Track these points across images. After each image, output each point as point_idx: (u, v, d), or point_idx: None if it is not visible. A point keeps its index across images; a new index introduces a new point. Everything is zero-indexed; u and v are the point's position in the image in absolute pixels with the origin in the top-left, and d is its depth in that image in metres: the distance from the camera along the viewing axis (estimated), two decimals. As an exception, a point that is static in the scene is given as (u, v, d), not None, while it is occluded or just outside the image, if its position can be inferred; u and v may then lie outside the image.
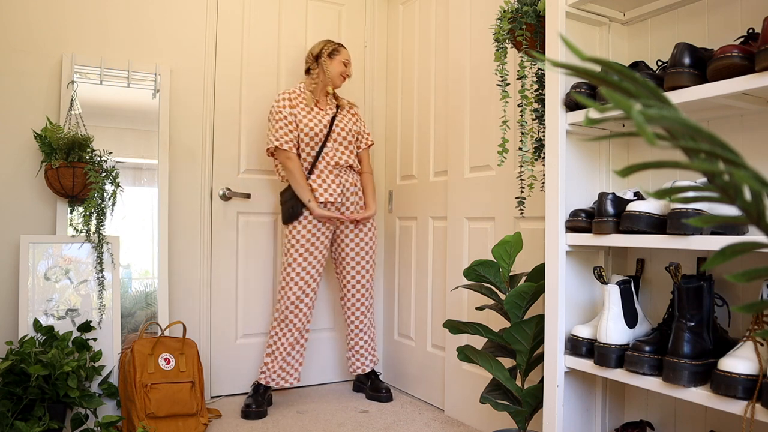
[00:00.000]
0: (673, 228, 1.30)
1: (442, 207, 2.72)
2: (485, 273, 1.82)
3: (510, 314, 1.75)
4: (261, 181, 2.94)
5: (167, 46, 2.74)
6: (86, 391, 2.12)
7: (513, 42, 1.78)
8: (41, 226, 2.44)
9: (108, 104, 2.64)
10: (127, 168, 2.60)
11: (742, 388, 1.18)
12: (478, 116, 2.47)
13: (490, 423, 2.31)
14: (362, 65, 3.24)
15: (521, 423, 1.78)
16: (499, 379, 1.75)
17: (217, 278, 2.84)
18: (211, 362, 2.79)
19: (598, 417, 1.70)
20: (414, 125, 2.98)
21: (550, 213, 1.60)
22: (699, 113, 1.50)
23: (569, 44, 0.31)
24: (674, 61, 1.33)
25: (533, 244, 2.10)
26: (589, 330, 1.54)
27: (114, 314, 2.39)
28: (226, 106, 2.87)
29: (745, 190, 0.31)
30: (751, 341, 1.24)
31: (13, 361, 1.98)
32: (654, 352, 1.36)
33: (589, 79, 0.31)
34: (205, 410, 2.42)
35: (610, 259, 1.73)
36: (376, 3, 3.28)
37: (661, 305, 1.65)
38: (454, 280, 2.53)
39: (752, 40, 1.33)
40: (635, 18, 1.73)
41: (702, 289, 1.33)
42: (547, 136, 1.63)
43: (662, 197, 0.32)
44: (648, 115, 0.29)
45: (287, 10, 3.04)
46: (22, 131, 2.42)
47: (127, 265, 2.62)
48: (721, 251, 0.32)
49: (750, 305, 0.34)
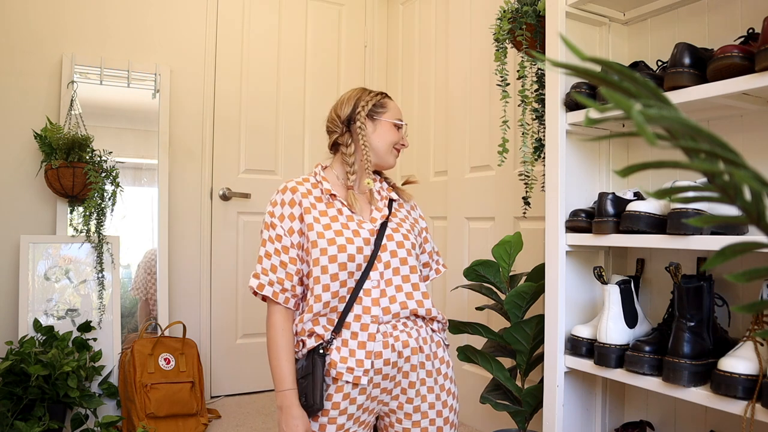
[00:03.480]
0: (673, 228, 1.30)
1: (442, 207, 2.72)
2: (485, 273, 1.82)
3: (510, 314, 1.75)
4: (261, 181, 2.94)
5: (167, 47, 2.74)
6: (86, 391, 2.12)
7: (513, 42, 1.78)
8: (41, 226, 2.44)
9: (108, 104, 2.64)
10: (127, 168, 2.60)
11: (742, 388, 1.18)
12: (478, 116, 2.47)
13: (490, 423, 2.31)
14: (362, 65, 3.24)
15: (521, 423, 1.78)
16: (499, 379, 1.75)
17: (217, 278, 2.84)
18: (211, 362, 2.79)
19: (598, 417, 1.70)
20: (414, 125, 2.98)
21: (550, 213, 1.60)
22: (699, 113, 1.50)
23: (569, 44, 0.31)
24: (674, 61, 1.33)
25: (533, 244, 2.10)
26: (589, 330, 1.53)
27: (114, 314, 2.39)
28: (226, 106, 2.87)
29: (745, 190, 0.31)
30: (751, 341, 1.24)
31: (13, 361, 1.98)
32: (654, 352, 1.36)
33: (589, 79, 0.31)
34: (205, 410, 2.42)
35: (610, 259, 1.72)
36: (376, 3, 3.28)
37: (661, 305, 1.65)
38: (454, 280, 2.53)
39: (752, 40, 1.33)
40: (635, 18, 1.73)
41: (702, 289, 1.32)
42: (547, 136, 1.62)
43: (662, 197, 0.32)
44: (648, 115, 0.29)
45: (287, 10, 3.04)
46: (22, 131, 2.42)
47: (127, 265, 2.62)
48: (721, 251, 0.32)
49: (750, 305, 0.34)
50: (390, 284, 1.31)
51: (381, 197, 1.41)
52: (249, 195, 2.88)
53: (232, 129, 2.89)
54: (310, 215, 1.31)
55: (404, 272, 1.33)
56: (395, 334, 1.28)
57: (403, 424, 1.31)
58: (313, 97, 3.09)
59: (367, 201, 1.40)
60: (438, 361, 1.35)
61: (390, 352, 1.26)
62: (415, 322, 1.33)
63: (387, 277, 1.31)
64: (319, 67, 3.12)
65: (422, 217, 1.52)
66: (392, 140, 1.40)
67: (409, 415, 1.31)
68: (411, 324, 1.32)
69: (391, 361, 1.26)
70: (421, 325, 1.34)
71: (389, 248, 1.32)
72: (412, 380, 1.30)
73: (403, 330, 1.29)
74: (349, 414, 1.26)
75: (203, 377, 2.48)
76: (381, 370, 1.26)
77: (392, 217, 1.39)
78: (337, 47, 3.19)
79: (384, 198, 1.41)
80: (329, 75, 3.15)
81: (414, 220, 1.46)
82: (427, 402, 1.31)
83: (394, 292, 1.31)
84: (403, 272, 1.33)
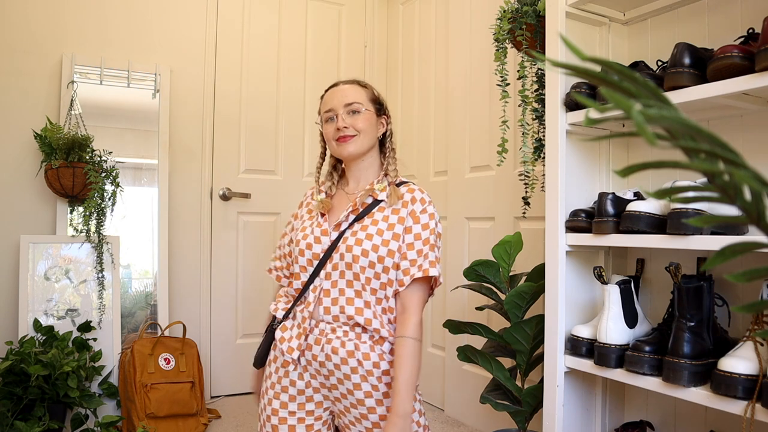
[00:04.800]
0: (673, 228, 1.30)
1: (442, 207, 2.72)
2: (485, 273, 1.82)
3: (510, 314, 1.75)
4: (261, 181, 2.94)
5: (167, 47, 2.74)
6: (86, 391, 2.12)
7: (513, 42, 1.78)
8: (41, 226, 2.44)
9: (108, 104, 2.64)
10: (127, 168, 2.60)
11: (742, 388, 1.18)
12: (478, 116, 2.47)
13: (490, 423, 2.31)
14: (362, 65, 3.24)
15: (521, 423, 1.78)
16: (499, 379, 1.75)
17: (217, 278, 2.84)
18: (211, 362, 2.79)
19: (598, 417, 1.70)
20: (414, 125, 2.98)
21: (550, 213, 1.60)
22: (699, 113, 1.50)
23: (569, 44, 0.31)
24: (674, 61, 1.33)
25: (533, 244, 2.10)
26: (589, 330, 1.53)
27: (114, 314, 2.39)
28: (226, 106, 2.87)
29: (745, 190, 0.31)
30: (751, 341, 1.24)
31: (13, 361, 1.98)
32: (654, 352, 1.36)
33: (589, 79, 0.31)
34: (205, 410, 2.42)
35: (610, 259, 1.72)
36: (376, 3, 3.28)
37: (661, 305, 1.65)
38: (454, 280, 2.53)
39: (752, 40, 1.33)
40: (635, 18, 1.73)
41: (702, 289, 1.32)
42: (547, 136, 1.63)
43: (662, 197, 0.32)
44: (648, 115, 0.29)
45: (287, 10, 3.04)
46: (22, 131, 2.42)
47: (127, 265, 2.62)
48: (721, 251, 0.32)
49: (750, 305, 0.34)
50: (335, 286, 1.30)
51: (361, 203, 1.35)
52: (249, 195, 2.88)
53: (232, 129, 2.89)
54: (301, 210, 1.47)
55: (357, 286, 1.29)
56: (329, 337, 1.29)
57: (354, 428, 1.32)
58: (313, 97, 3.09)
59: (345, 204, 1.38)
60: (374, 378, 1.28)
61: (320, 351, 1.29)
62: (359, 333, 1.29)
63: (334, 279, 1.30)
64: (319, 67, 3.12)
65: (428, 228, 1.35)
66: (328, 137, 1.38)
67: (358, 419, 1.30)
68: (351, 333, 1.29)
69: (318, 359, 1.29)
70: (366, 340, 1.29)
71: (346, 259, 1.29)
72: (349, 387, 1.28)
73: (339, 337, 1.28)
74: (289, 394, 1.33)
75: (203, 377, 2.48)
76: (311, 362, 1.30)
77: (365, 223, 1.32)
78: (337, 47, 3.19)
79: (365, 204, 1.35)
80: (329, 75, 3.15)
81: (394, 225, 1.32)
82: (366, 407, 1.28)
83: (337, 295, 1.30)
84: (356, 286, 1.29)
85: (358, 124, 1.35)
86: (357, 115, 1.36)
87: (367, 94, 1.41)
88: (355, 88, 1.40)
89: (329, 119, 1.38)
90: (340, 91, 1.38)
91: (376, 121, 1.41)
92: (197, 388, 2.37)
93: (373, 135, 1.40)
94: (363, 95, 1.39)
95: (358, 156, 1.38)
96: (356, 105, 1.36)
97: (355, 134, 1.35)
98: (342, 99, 1.36)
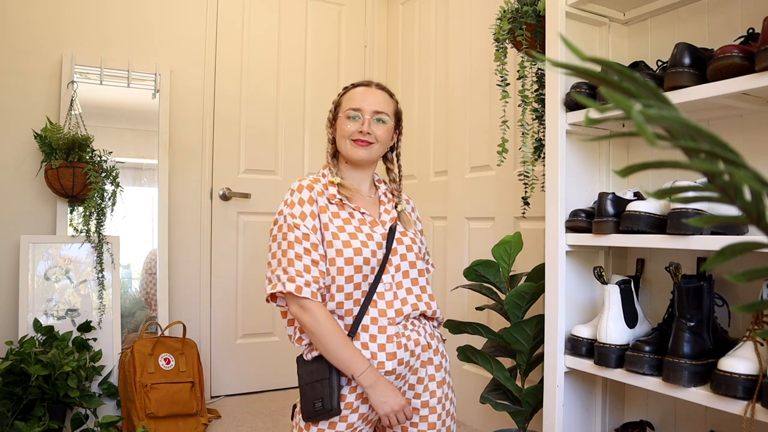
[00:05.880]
0: (673, 228, 1.30)
1: (442, 207, 2.72)
2: (485, 273, 1.82)
3: (510, 314, 1.75)
4: (261, 181, 2.94)
5: (167, 47, 2.74)
6: (86, 391, 2.12)
7: (513, 42, 1.78)
8: (41, 226, 2.44)
9: (108, 104, 2.64)
10: (127, 168, 2.60)
11: (742, 388, 1.18)
12: (478, 116, 2.47)
13: (490, 423, 2.31)
14: (362, 65, 3.24)
15: (521, 423, 1.78)
16: (499, 379, 1.75)
17: (217, 278, 2.84)
18: (211, 362, 2.79)
19: (598, 417, 1.70)
20: (414, 125, 2.98)
21: (550, 213, 1.60)
22: (699, 113, 1.50)
23: (569, 44, 0.31)
24: (674, 61, 1.33)
25: (533, 244, 2.10)
26: (589, 330, 1.53)
27: (114, 314, 2.39)
28: (226, 106, 2.87)
29: (745, 190, 0.31)
30: (751, 341, 1.24)
31: (13, 361, 1.98)
32: (654, 352, 1.36)
33: (589, 79, 0.31)
34: (205, 410, 2.42)
35: (610, 259, 1.72)
36: (376, 3, 3.28)
37: (661, 305, 1.65)
38: (454, 280, 2.53)
39: (752, 40, 1.33)
40: (635, 18, 1.73)
41: (702, 289, 1.32)
42: (547, 136, 1.63)
43: (662, 197, 0.32)
44: (648, 115, 0.29)
45: (287, 10, 3.04)
46: (22, 131, 2.42)
47: (127, 265, 2.62)
48: (721, 251, 0.32)
49: (750, 305, 0.34)
50: (401, 287, 1.37)
51: (388, 199, 1.47)
52: (249, 195, 2.88)
53: (232, 129, 2.89)
54: (326, 214, 1.34)
55: (413, 275, 1.40)
56: (407, 334, 1.34)
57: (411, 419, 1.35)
58: (313, 97, 3.09)
59: (375, 203, 1.45)
60: (440, 356, 1.41)
61: (403, 352, 1.32)
62: (419, 319, 1.41)
63: (398, 280, 1.37)
64: (319, 67, 3.12)
65: (419, 219, 1.57)
66: (344, 133, 1.39)
67: (417, 410, 1.35)
68: (417, 323, 1.39)
69: (404, 360, 1.32)
70: (425, 322, 1.42)
71: (399, 252, 1.38)
72: (421, 376, 1.37)
73: (412, 329, 1.36)
74: (360, 413, 1.30)
75: (203, 377, 2.48)
76: (394, 370, 1.31)
77: (399, 221, 1.44)
78: (337, 47, 3.19)
79: (391, 200, 1.47)
80: (329, 75, 3.15)
81: (414, 223, 1.51)
82: (436, 397, 1.38)
83: (405, 295, 1.37)
84: (413, 275, 1.40)
85: (379, 133, 1.39)
86: (381, 125, 1.40)
87: (393, 106, 1.45)
88: (386, 97, 1.43)
89: (352, 117, 1.38)
90: (372, 94, 1.40)
91: (392, 134, 1.46)
92: (197, 388, 2.37)
93: (387, 146, 1.45)
94: (391, 107, 1.43)
95: (366, 163, 1.43)
96: (383, 115, 1.40)
97: (374, 142, 1.39)
98: (373, 104, 1.39)
